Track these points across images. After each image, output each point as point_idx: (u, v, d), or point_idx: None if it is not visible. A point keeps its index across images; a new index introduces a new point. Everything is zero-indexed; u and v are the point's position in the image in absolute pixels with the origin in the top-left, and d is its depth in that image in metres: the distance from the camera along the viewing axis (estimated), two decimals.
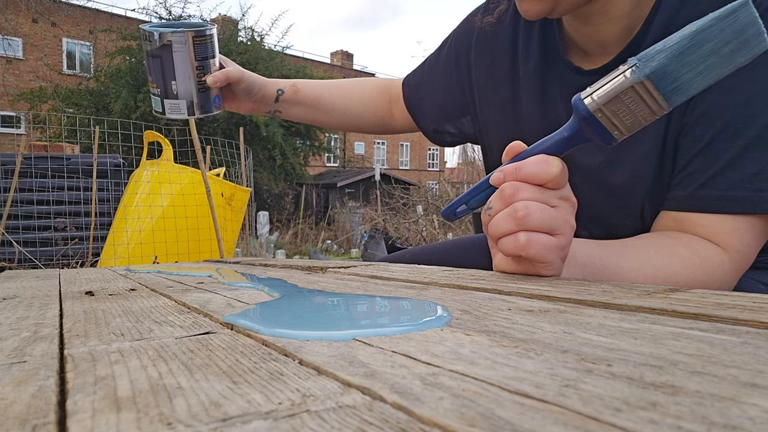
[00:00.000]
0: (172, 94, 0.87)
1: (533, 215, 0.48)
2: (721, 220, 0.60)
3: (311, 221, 11.22)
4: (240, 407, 0.20)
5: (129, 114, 8.85)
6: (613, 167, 0.69)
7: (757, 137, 0.58)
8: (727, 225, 0.60)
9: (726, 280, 0.61)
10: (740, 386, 0.20)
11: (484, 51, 0.85)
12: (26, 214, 4.15)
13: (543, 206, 0.48)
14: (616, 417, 0.17)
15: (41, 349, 0.33)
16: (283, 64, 11.03)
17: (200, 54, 0.86)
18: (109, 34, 10.57)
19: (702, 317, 0.33)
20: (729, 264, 0.60)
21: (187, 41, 0.84)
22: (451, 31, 0.95)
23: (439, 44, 0.98)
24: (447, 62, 0.92)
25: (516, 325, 0.33)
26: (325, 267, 0.83)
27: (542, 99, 0.75)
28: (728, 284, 0.61)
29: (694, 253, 0.60)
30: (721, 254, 0.60)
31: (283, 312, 0.45)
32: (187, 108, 0.88)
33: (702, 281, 0.60)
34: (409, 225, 7.45)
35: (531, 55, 0.77)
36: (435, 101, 0.95)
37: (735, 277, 0.61)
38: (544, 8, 0.64)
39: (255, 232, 8.37)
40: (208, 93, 0.89)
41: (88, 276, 0.94)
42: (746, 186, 0.58)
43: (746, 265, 0.61)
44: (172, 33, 0.83)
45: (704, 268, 0.60)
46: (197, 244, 3.06)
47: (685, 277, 0.59)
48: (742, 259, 0.60)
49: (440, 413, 0.19)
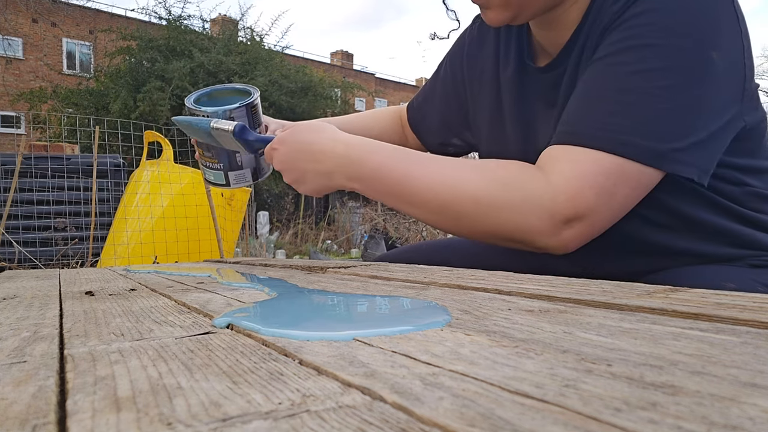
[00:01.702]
0: (237, 166, 0.90)
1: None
2: (560, 149, 0.60)
3: (311, 221, 11.22)
4: (240, 407, 0.20)
5: (128, 114, 8.85)
6: None
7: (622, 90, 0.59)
8: (561, 153, 0.59)
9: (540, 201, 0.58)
10: (740, 386, 0.20)
11: (473, 63, 0.89)
12: (26, 214, 4.15)
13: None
14: (616, 417, 0.17)
15: (41, 349, 0.33)
16: (282, 64, 11.02)
17: (256, 122, 0.88)
18: (109, 34, 10.55)
19: (702, 317, 0.33)
20: (541, 181, 0.58)
21: (248, 112, 0.87)
22: (447, 51, 0.98)
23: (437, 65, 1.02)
24: (444, 79, 0.96)
25: (516, 325, 0.33)
26: (325, 267, 0.83)
27: (519, 102, 0.79)
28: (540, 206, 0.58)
29: (506, 168, 0.61)
30: (535, 173, 0.59)
31: (280, 312, 0.45)
32: (252, 175, 0.91)
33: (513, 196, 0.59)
34: (409, 225, 7.44)
35: (509, 62, 0.81)
36: (437, 117, 0.98)
37: (555, 206, 0.57)
38: (506, 17, 0.69)
39: (255, 232, 8.37)
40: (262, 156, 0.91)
41: (88, 276, 0.94)
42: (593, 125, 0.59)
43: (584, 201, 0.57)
44: (236, 109, 0.85)
45: (505, 181, 0.60)
46: (197, 244, 3.06)
47: (476, 187, 0.61)
48: (571, 188, 0.57)
49: (440, 413, 0.19)
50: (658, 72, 0.58)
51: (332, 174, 0.71)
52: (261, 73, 10.14)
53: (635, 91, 0.58)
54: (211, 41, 10.62)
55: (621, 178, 0.57)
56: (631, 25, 0.60)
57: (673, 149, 0.57)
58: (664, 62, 0.58)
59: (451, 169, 0.64)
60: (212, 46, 10.36)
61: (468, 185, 0.62)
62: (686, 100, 0.57)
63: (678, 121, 0.57)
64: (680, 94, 0.57)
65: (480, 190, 0.61)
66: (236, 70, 10.08)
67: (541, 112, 0.76)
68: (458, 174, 0.63)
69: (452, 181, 0.63)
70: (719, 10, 0.60)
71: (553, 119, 0.73)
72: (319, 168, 0.72)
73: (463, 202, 0.62)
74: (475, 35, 0.89)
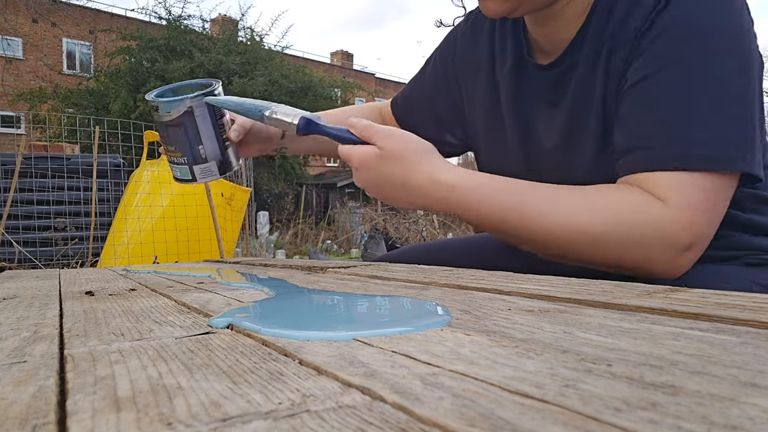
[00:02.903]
0: (201, 159, 0.87)
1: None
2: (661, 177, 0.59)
3: (311, 221, 11.22)
4: (240, 407, 0.20)
5: (128, 114, 8.85)
6: (570, 149, 0.72)
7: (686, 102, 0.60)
8: (664, 180, 0.59)
9: (657, 233, 0.58)
10: (740, 386, 0.20)
11: (467, 60, 0.88)
12: (26, 214, 4.15)
13: None
14: (616, 417, 0.17)
15: (41, 349, 0.33)
16: (282, 64, 11.02)
17: (219, 112, 0.87)
18: (109, 34, 10.56)
19: (702, 317, 0.33)
20: (666, 215, 0.58)
21: (207, 103, 0.85)
22: (435, 48, 0.97)
23: (424, 62, 1.01)
24: (435, 75, 0.95)
25: (516, 325, 0.33)
26: (325, 267, 0.83)
27: (515, 98, 0.79)
28: (664, 238, 0.58)
29: (623, 198, 0.60)
30: (651, 205, 0.59)
31: (280, 312, 0.45)
32: (218, 168, 0.88)
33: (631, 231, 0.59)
34: (409, 225, 7.45)
35: (506, 59, 0.80)
36: (427, 113, 0.97)
37: (678, 236, 0.58)
38: (506, 8, 0.68)
39: (255, 232, 8.37)
40: (229, 149, 0.90)
41: (88, 276, 0.94)
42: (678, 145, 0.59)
43: (698, 226, 0.58)
44: (193, 98, 0.83)
45: (627, 215, 0.59)
46: (197, 244, 3.06)
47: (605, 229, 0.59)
48: (688, 215, 0.57)
49: (440, 413, 0.19)
50: (716, 79, 0.59)
51: (430, 208, 0.69)
52: (261, 73, 10.14)
53: (703, 102, 0.59)
54: (211, 41, 10.62)
55: (719, 194, 0.59)
56: (672, 35, 0.61)
57: (745, 152, 0.59)
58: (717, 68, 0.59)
59: (565, 206, 0.62)
60: (212, 46, 10.36)
61: (588, 225, 0.60)
62: (742, 102, 0.60)
63: (741, 123, 0.59)
64: (738, 96, 0.60)
65: (598, 233, 0.60)
66: (236, 70, 10.08)
67: (541, 111, 0.76)
68: (573, 212, 0.61)
69: (569, 222, 0.61)
70: (741, 7, 0.62)
71: (557, 119, 0.73)
72: (414, 201, 0.68)
73: (583, 242, 0.60)
74: (468, 32, 0.88)
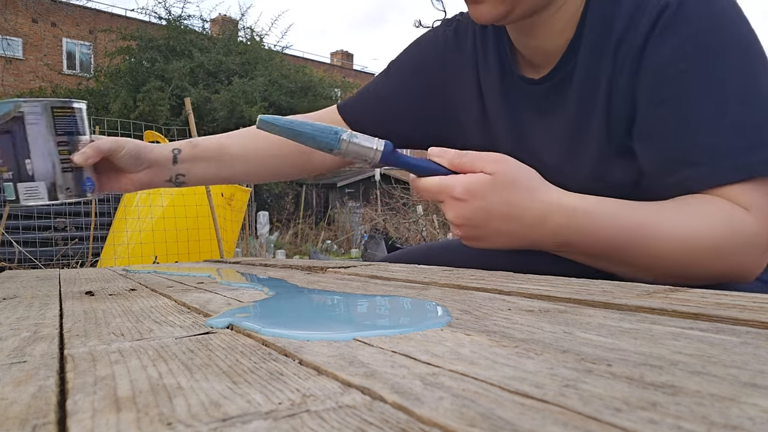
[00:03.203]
0: (27, 176, 0.72)
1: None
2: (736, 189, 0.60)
3: (311, 221, 11.22)
4: (240, 407, 0.20)
5: (128, 114, 8.86)
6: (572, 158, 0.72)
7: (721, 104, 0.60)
8: (735, 191, 0.60)
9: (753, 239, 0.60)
10: (740, 386, 0.20)
11: (451, 68, 0.85)
12: (26, 214, 4.15)
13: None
14: (616, 417, 0.17)
15: (41, 349, 0.33)
16: (282, 64, 11.03)
17: (63, 128, 0.74)
18: (108, 34, 10.57)
19: (702, 317, 0.33)
20: (754, 221, 0.59)
21: (45, 112, 0.72)
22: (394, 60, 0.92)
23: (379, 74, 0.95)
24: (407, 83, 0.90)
25: (516, 325, 0.33)
26: (325, 267, 0.83)
27: (506, 114, 0.78)
28: (756, 244, 0.60)
29: (720, 209, 0.60)
30: (744, 216, 0.60)
31: (280, 312, 0.45)
32: (47, 191, 0.73)
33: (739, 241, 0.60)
34: (409, 225, 7.45)
35: (490, 73, 0.80)
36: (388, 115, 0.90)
37: (764, 239, 0.60)
38: (500, 12, 0.66)
39: (255, 232, 8.37)
40: (76, 174, 0.75)
41: (88, 276, 0.94)
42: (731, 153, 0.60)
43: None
44: (24, 102, 0.71)
45: (733, 224, 0.59)
46: (197, 244, 3.06)
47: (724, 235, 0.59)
48: (765, 218, 0.60)
49: (440, 413, 0.19)
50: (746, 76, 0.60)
51: (539, 242, 0.61)
52: (261, 73, 10.15)
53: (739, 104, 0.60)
54: (211, 41, 10.63)
55: None
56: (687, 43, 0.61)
57: None
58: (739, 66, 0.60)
59: (686, 220, 0.60)
60: (212, 46, 10.37)
61: (705, 236, 0.59)
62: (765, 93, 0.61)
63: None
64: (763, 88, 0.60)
65: (715, 239, 0.59)
66: (236, 70, 10.09)
67: (534, 123, 0.76)
68: (692, 225, 0.60)
69: (690, 235, 0.59)
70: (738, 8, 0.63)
71: (556, 129, 0.72)
72: (524, 233, 0.60)
73: (702, 254, 0.60)
74: (451, 39, 0.85)
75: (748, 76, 0.60)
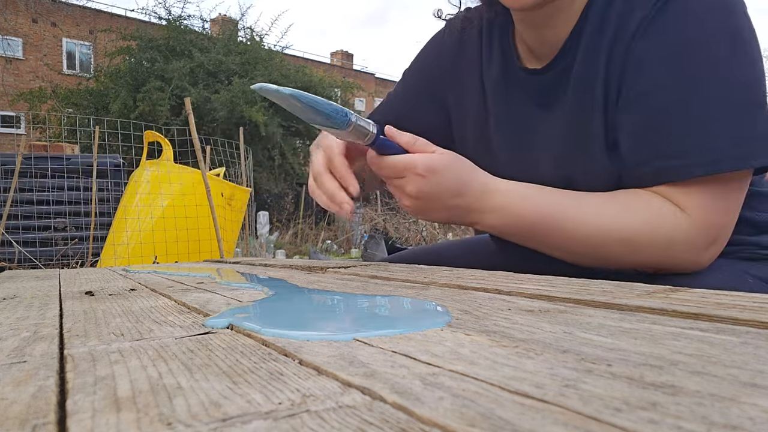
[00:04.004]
0: None
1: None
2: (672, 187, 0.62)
3: (311, 221, 11.22)
4: (240, 407, 0.20)
5: (128, 114, 8.85)
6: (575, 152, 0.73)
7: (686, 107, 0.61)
8: (679, 190, 0.62)
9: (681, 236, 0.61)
10: (740, 386, 0.20)
11: (453, 70, 0.87)
12: (26, 214, 4.15)
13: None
14: (616, 417, 0.17)
15: (41, 349, 0.33)
16: (282, 64, 11.03)
17: None
18: (109, 34, 10.56)
19: (702, 317, 0.33)
20: (689, 223, 0.61)
21: None
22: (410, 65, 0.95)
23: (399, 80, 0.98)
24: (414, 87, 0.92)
25: (516, 325, 0.33)
26: (325, 267, 0.83)
27: (507, 106, 0.79)
28: (686, 242, 0.61)
29: (650, 207, 0.63)
30: (678, 212, 0.62)
31: (280, 312, 0.45)
32: None
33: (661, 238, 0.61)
34: (409, 225, 7.44)
35: (493, 67, 0.80)
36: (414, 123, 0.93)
37: (699, 238, 0.61)
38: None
39: (255, 232, 8.36)
40: None
41: (88, 276, 0.94)
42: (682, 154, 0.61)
43: (716, 227, 0.61)
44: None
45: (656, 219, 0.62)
46: (197, 244, 3.06)
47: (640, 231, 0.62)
48: (705, 220, 0.61)
49: (440, 413, 0.19)
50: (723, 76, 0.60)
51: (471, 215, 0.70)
52: (261, 73, 10.14)
53: (708, 106, 0.60)
54: (211, 41, 10.62)
55: (736, 192, 0.62)
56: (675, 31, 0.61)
57: (759, 144, 0.60)
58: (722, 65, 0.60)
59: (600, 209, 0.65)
60: (212, 46, 10.36)
61: (618, 228, 0.63)
62: (747, 98, 0.61)
63: (752, 115, 0.60)
64: (747, 90, 0.60)
65: (630, 232, 0.63)
66: (236, 70, 10.08)
67: (534, 118, 0.76)
68: (609, 215, 0.64)
69: (603, 225, 0.64)
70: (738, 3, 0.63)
71: (557, 123, 0.73)
72: (466, 205, 0.69)
73: (613, 244, 0.64)
74: (454, 43, 0.87)
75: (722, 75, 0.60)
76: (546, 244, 0.69)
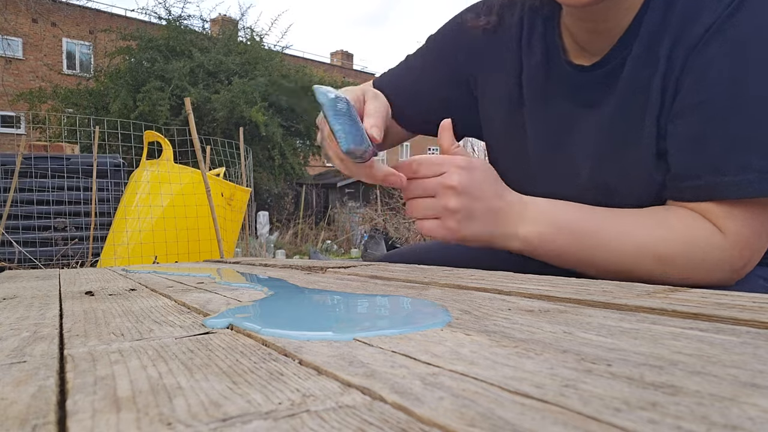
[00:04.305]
0: None
1: None
2: (712, 206, 0.61)
3: (311, 221, 11.22)
4: (240, 407, 0.20)
5: (128, 114, 8.85)
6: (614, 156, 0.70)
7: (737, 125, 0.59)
8: (719, 209, 0.61)
9: (716, 257, 0.61)
10: (740, 386, 0.20)
11: (483, 54, 0.83)
12: (26, 214, 4.15)
13: None
14: (616, 417, 0.17)
15: (41, 349, 0.33)
16: (282, 64, 11.03)
17: None
18: (109, 34, 10.57)
19: (702, 317, 0.33)
20: (726, 244, 0.61)
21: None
22: (431, 37, 0.91)
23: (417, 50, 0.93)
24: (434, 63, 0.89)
25: (516, 325, 0.33)
26: (325, 267, 0.83)
27: (545, 98, 0.76)
28: (720, 262, 0.61)
29: (687, 226, 0.62)
30: (716, 233, 0.61)
31: (280, 312, 0.45)
32: None
33: (695, 256, 0.61)
34: (409, 225, 7.44)
35: (533, 58, 0.77)
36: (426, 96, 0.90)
37: (732, 259, 0.61)
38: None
39: (255, 232, 8.37)
40: None
41: (88, 276, 0.94)
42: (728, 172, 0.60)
43: (751, 249, 0.61)
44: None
45: (692, 237, 0.61)
46: (197, 244, 3.06)
47: (675, 249, 0.62)
48: (742, 241, 0.61)
49: (440, 413, 0.19)
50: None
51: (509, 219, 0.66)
52: (261, 73, 10.15)
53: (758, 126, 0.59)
54: (211, 41, 10.63)
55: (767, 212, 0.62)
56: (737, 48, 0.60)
57: None
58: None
59: (639, 225, 0.64)
60: (212, 46, 10.36)
61: (654, 245, 0.62)
62: None
63: None
64: None
65: (665, 250, 0.62)
66: (236, 70, 10.09)
67: (573, 113, 0.73)
68: (644, 232, 0.63)
69: (640, 241, 0.63)
70: None
71: (597, 122, 0.70)
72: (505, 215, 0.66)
73: (649, 262, 0.63)
74: (492, 25, 0.82)
75: None
76: (580, 258, 0.66)
